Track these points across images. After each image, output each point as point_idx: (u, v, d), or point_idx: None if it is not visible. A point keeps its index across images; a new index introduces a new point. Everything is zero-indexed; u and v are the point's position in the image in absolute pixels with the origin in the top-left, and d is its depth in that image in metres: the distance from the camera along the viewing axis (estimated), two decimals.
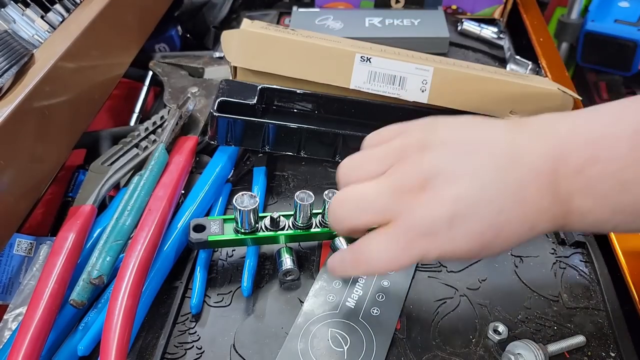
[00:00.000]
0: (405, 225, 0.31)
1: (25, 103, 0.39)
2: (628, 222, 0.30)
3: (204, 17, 0.73)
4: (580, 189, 0.30)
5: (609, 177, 0.29)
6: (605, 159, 0.29)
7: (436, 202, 0.30)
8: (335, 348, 0.37)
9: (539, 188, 0.30)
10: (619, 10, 1.05)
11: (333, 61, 0.50)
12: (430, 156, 0.32)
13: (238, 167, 0.52)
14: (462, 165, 0.31)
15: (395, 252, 0.31)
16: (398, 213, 0.31)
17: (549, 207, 0.31)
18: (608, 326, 0.39)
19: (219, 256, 0.44)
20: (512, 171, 0.31)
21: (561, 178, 0.30)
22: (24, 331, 0.34)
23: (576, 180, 0.30)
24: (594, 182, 0.30)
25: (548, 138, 0.31)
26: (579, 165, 0.30)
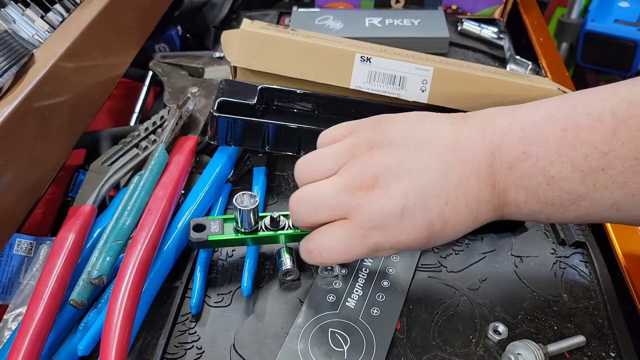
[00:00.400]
0: (359, 219, 0.33)
1: (25, 103, 0.39)
2: (559, 213, 0.33)
3: (204, 17, 0.73)
4: (513, 183, 0.32)
5: (537, 172, 0.32)
6: (535, 156, 0.32)
7: (387, 197, 0.33)
8: (335, 348, 0.37)
9: (480, 182, 0.33)
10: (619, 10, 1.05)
11: (333, 61, 0.50)
12: (379, 154, 0.34)
13: (238, 167, 0.52)
14: (409, 162, 0.33)
15: (349, 243, 0.34)
16: (352, 209, 0.33)
17: (489, 199, 0.33)
18: (608, 326, 0.39)
19: (218, 256, 0.44)
20: (455, 166, 0.33)
21: (497, 173, 0.33)
22: (24, 331, 0.34)
23: (509, 175, 0.32)
24: (525, 177, 0.32)
25: (486, 134, 0.34)
26: (512, 161, 0.32)
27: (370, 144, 0.35)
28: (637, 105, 0.29)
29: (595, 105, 0.31)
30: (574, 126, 0.31)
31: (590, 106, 0.31)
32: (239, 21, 0.60)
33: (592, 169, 0.30)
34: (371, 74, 0.50)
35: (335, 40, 0.52)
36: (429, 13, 0.69)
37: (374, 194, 0.33)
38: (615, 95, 0.31)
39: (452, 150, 0.34)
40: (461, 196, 0.33)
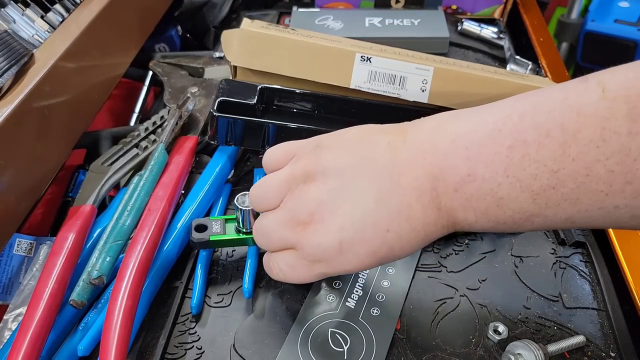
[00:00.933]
0: (302, 253, 0.34)
1: (25, 103, 0.39)
2: (513, 229, 0.32)
3: (204, 17, 0.73)
4: (460, 204, 0.31)
5: (485, 194, 0.30)
6: (481, 178, 0.30)
7: (322, 233, 0.33)
8: (335, 348, 0.37)
9: (423, 206, 0.32)
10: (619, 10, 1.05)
11: (333, 61, 0.50)
12: (313, 189, 0.34)
13: (238, 167, 0.52)
14: (344, 194, 0.33)
15: (297, 270, 0.35)
16: (294, 243, 0.34)
17: (436, 220, 0.32)
18: (608, 326, 0.39)
19: (219, 256, 0.44)
20: (394, 192, 0.32)
21: (441, 195, 0.31)
22: (24, 331, 0.34)
23: (455, 197, 0.31)
24: (472, 199, 0.31)
25: (427, 155, 0.32)
26: (456, 183, 0.31)
27: (305, 176, 0.34)
28: (587, 116, 0.27)
29: (543, 118, 0.29)
30: (522, 143, 0.29)
31: (538, 118, 0.29)
32: (239, 21, 0.60)
33: (542, 188, 0.29)
34: (371, 73, 0.50)
35: (335, 40, 0.52)
36: (429, 13, 0.69)
37: (310, 230, 0.33)
38: (565, 105, 0.28)
39: (390, 176, 0.32)
40: (404, 222, 0.32)
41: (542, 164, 0.28)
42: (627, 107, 0.26)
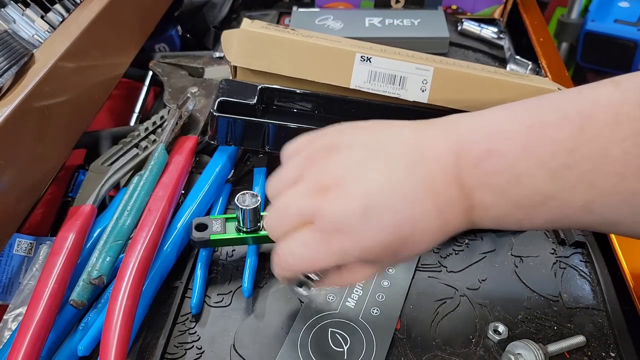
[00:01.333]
0: (320, 222, 0.31)
1: (25, 103, 0.39)
2: (530, 217, 0.31)
3: (204, 17, 0.73)
4: (479, 182, 0.31)
5: (504, 170, 0.30)
6: (500, 153, 0.30)
7: (347, 197, 0.31)
8: (335, 348, 0.37)
9: (447, 180, 0.31)
10: (619, 10, 1.05)
11: (333, 61, 0.50)
12: (338, 156, 0.32)
13: (238, 167, 0.52)
14: (371, 161, 0.32)
15: (312, 247, 0.32)
16: (313, 212, 0.31)
17: (458, 200, 0.31)
18: (608, 326, 0.39)
19: (219, 256, 0.44)
20: (421, 165, 0.32)
21: (463, 171, 0.31)
22: (24, 331, 0.34)
23: (475, 174, 0.31)
24: (490, 175, 0.31)
25: (450, 134, 0.32)
26: (476, 158, 0.31)
27: (329, 148, 0.33)
28: (602, 105, 0.29)
29: (562, 104, 0.30)
30: (540, 123, 0.30)
31: (556, 105, 0.31)
32: (239, 21, 0.60)
33: (560, 167, 0.29)
34: (371, 73, 0.50)
35: (335, 40, 0.52)
36: (429, 13, 0.69)
37: (332, 195, 0.31)
38: (581, 95, 0.30)
39: (416, 148, 0.32)
40: (429, 196, 0.31)
41: (559, 142, 0.29)
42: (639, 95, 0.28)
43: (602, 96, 0.29)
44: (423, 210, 0.31)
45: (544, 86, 0.51)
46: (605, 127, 0.28)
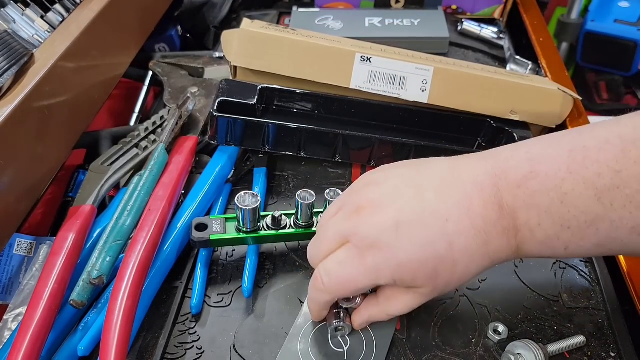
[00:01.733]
0: (355, 239, 0.32)
1: (25, 103, 0.39)
2: (578, 240, 0.31)
3: (204, 17, 0.73)
4: (523, 202, 0.31)
5: (549, 190, 0.30)
6: (544, 174, 0.30)
7: (381, 214, 0.32)
8: (335, 348, 0.37)
9: (484, 200, 0.31)
10: (619, 10, 1.05)
11: (333, 61, 0.50)
12: (374, 187, 0.34)
13: (238, 167, 0.52)
14: (405, 187, 0.33)
15: (347, 265, 0.32)
16: (348, 232, 0.33)
17: (497, 220, 0.31)
18: (608, 326, 0.39)
19: (219, 256, 0.44)
20: (455, 185, 0.32)
21: (503, 192, 0.31)
22: (24, 331, 0.34)
23: (518, 194, 0.31)
24: (535, 195, 0.31)
25: (488, 160, 0.33)
26: (519, 180, 0.31)
27: (366, 183, 0.35)
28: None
29: (601, 131, 0.30)
30: (582, 148, 0.30)
31: (595, 132, 0.31)
32: (239, 21, 0.60)
33: (607, 187, 0.29)
34: (371, 73, 0.50)
35: (335, 40, 0.52)
36: (429, 13, 0.69)
37: (367, 213, 0.32)
38: (620, 123, 0.30)
39: (450, 173, 0.33)
40: (464, 214, 0.31)
41: (604, 164, 0.29)
42: None
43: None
44: (458, 229, 0.31)
45: (544, 86, 0.51)
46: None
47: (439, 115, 0.52)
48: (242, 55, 0.51)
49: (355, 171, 0.51)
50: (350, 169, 0.52)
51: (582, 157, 0.30)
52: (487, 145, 0.53)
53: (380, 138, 0.48)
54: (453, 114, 0.52)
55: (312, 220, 0.42)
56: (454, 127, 0.52)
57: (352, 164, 0.52)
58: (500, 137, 0.52)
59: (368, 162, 0.50)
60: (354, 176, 0.51)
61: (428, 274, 0.32)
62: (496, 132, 0.52)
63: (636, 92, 1.06)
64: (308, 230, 0.42)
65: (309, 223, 0.42)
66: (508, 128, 0.51)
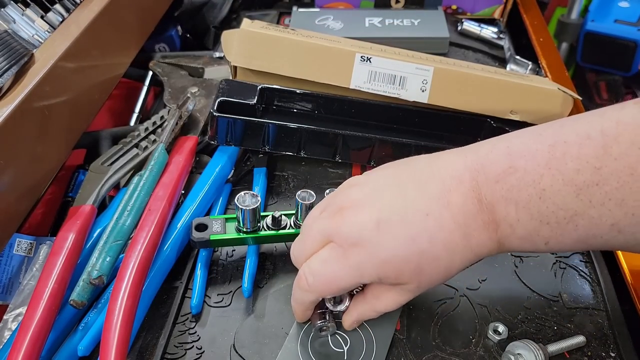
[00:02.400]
0: (337, 239, 0.33)
1: (25, 103, 0.39)
2: (558, 235, 0.31)
3: (204, 17, 0.73)
4: (501, 197, 0.31)
5: (527, 185, 0.30)
6: (523, 169, 0.30)
7: (363, 212, 0.32)
8: (335, 348, 0.37)
9: (463, 193, 0.31)
10: (619, 10, 1.05)
11: (333, 61, 0.50)
12: (357, 188, 0.34)
13: (238, 167, 0.52)
14: (386, 188, 0.33)
15: (331, 264, 0.33)
16: (331, 231, 0.33)
17: (477, 213, 0.31)
18: (608, 326, 0.39)
19: (219, 256, 0.44)
20: (434, 180, 0.32)
21: (482, 186, 0.31)
22: (24, 331, 0.34)
23: (496, 189, 0.31)
24: (514, 190, 0.30)
25: (467, 155, 0.33)
26: (498, 175, 0.31)
27: (350, 185, 0.35)
28: (627, 124, 0.28)
29: (583, 126, 0.30)
30: (562, 143, 0.30)
31: (577, 126, 0.30)
32: (239, 21, 0.60)
33: (586, 184, 0.29)
34: (371, 73, 0.50)
35: (335, 40, 0.52)
36: (429, 13, 0.69)
37: (350, 212, 0.33)
38: (603, 117, 0.30)
39: (429, 169, 0.33)
40: (443, 207, 0.31)
41: (584, 160, 0.29)
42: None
43: (626, 117, 0.29)
44: (439, 223, 0.31)
45: (544, 86, 0.51)
46: (632, 146, 0.28)
47: (439, 115, 0.52)
48: (242, 55, 0.51)
49: (355, 171, 0.51)
50: (350, 169, 0.52)
51: (562, 152, 0.30)
52: None
53: (380, 138, 0.48)
54: (453, 114, 0.52)
55: None
56: (454, 127, 0.52)
57: (352, 164, 0.52)
58: None
59: (368, 162, 0.50)
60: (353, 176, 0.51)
61: (412, 270, 0.32)
62: (496, 132, 0.51)
63: (636, 92, 1.06)
64: None
65: None
66: (508, 128, 0.51)
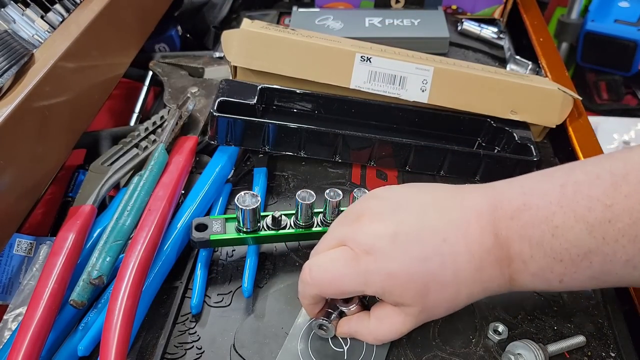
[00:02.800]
0: (352, 243, 0.33)
1: (25, 103, 0.39)
2: (572, 273, 0.31)
3: (204, 17, 0.73)
4: (516, 232, 0.31)
5: (540, 222, 0.31)
6: (536, 206, 0.31)
7: (381, 222, 0.33)
8: (335, 348, 0.37)
9: (481, 226, 0.32)
10: (619, 10, 1.05)
11: (333, 61, 0.50)
12: (379, 200, 0.35)
13: (238, 167, 0.52)
14: (408, 202, 0.34)
15: (340, 263, 0.33)
16: (346, 236, 0.33)
17: (492, 248, 0.32)
18: (608, 326, 0.39)
19: (219, 256, 0.44)
20: (456, 209, 0.33)
21: (498, 222, 0.32)
22: (24, 331, 0.34)
23: (511, 225, 0.32)
24: (527, 227, 0.31)
25: (486, 190, 0.34)
26: (512, 211, 0.32)
27: (372, 196, 0.36)
28: (635, 163, 0.29)
29: (592, 167, 0.31)
30: (573, 182, 0.31)
31: (587, 167, 0.31)
32: (239, 21, 0.60)
33: (598, 221, 0.29)
34: (371, 73, 0.50)
35: (335, 40, 0.52)
36: (429, 13, 0.69)
37: (366, 221, 0.33)
38: (612, 158, 0.31)
39: (453, 198, 0.34)
40: (461, 237, 0.32)
41: (594, 198, 0.29)
42: None
43: (634, 157, 0.29)
44: (454, 250, 0.32)
45: (544, 86, 0.51)
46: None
47: (439, 115, 0.52)
48: (242, 55, 0.51)
49: (355, 171, 0.51)
50: (350, 169, 0.52)
51: (573, 191, 0.30)
52: (487, 145, 0.53)
53: (380, 138, 0.48)
54: (453, 114, 0.52)
55: (312, 220, 0.42)
56: (454, 127, 0.52)
57: (352, 164, 0.52)
58: (500, 137, 0.52)
59: (368, 162, 0.50)
60: (353, 176, 0.51)
61: (417, 290, 0.32)
62: (496, 132, 0.52)
63: (636, 92, 1.06)
64: (308, 231, 0.42)
65: (309, 223, 0.42)
66: (508, 128, 0.51)
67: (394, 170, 0.51)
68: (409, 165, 0.50)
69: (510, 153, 0.50)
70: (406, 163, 0.49)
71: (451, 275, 0.32)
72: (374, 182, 0.50)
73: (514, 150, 0.50)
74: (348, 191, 0.48)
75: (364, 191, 0.41)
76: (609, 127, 0.93)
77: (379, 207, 0.34)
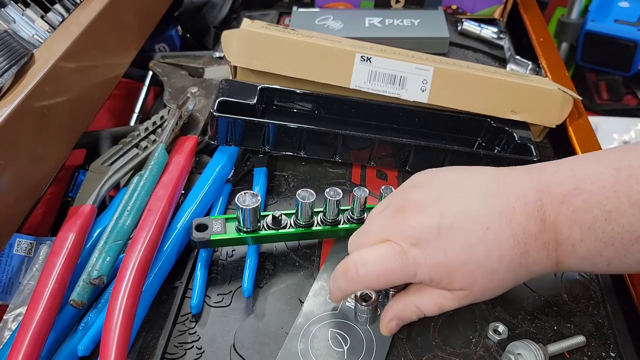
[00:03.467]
0: (398, 237, 0.33)
1: (25, 103, 0.39)
2: (621, 256, 0.31)
3: (204, 17, 0.73)
4: (566, 217, 0.31)
5: (592, 207, 0.31)
6: (588, 191, 0.31)
7: (425, 215, 0.33)
8: (335, 348, 0.37)
9: (527, 212, 0.32)
10: (619, 10, 1.05)
11: (333, 61, 0.50)
12: (419, 189, 0.35)
13: (238, 167, 0.52)
14: (450, 190, 0.34)
15: (387, 257, 0.33)
16: (391, 230, 0.33)
17: (538, 233, 0.32)
18: (608, 326, 0.39)
19: (219, 256, 0.44)
20: (499, 196, 0.33)
21: (546, 206, 0.32)
22: (24, 331, 0.34)
23: (561, 210, 0.31)
24: (579, 211, 0.31)
25: (533, 174, 0.33)
26: (563, 196, 0.31)
27: (412, 185, 0.36)
28: None
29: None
30: (627, 166, 0.30)
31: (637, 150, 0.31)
32: (239, 21, 0.60)
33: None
34: (371, 73, 0.50)
35: (335, 40, 0.52)
36: (429, 13, 0.69)
37: (409, 214, 0.33)
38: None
39: (496, 183, 0.33)
40: (505, 224, 0.32)
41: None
42: None
43: None
44: (498, 238, 0.32)
45: (544, 86, 0.51)
46: None
47: (439, 115, 0.52)
48: (242, 55, 0.51)
49: (355, 171, 0.51)
50: (350, 169, 0.52)
51: (627, 175, 0.30)
52: (487, 145, 0.53)
53: (380, 138, 0.48)
54: (453, 114, 0.52)
55: (312, 219, 0.42)
56: (454, 127, 0.53)
57: (352, 164, 0.52)
58: (500, 137, 0.52)
59: (368, 162, 0.50)
60: (353, 176, 0.51)
61: (464, 278, 0.33)
62: (496, 132, 0.52)
63: (636, 92, 1.06)
64: (308, 230, 0.42)
65: (309, 222, 0.42)
66: (508, 128, 0.51)
67: (394, 170, 0.51)
68: (409, 165, 0.50)
69: (511, 153, 0.50)
70: (406, 163, 0.49)
71: (496, 262, 0.32)
72: (374, 182, 0.50)
73: (514, 150, 0.50)
74: (348, 191, 0.48)
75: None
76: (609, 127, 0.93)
77: (420, 196, 0.34)
